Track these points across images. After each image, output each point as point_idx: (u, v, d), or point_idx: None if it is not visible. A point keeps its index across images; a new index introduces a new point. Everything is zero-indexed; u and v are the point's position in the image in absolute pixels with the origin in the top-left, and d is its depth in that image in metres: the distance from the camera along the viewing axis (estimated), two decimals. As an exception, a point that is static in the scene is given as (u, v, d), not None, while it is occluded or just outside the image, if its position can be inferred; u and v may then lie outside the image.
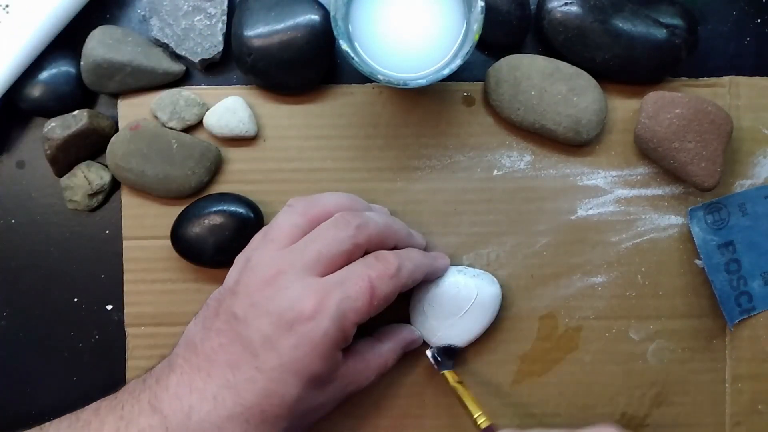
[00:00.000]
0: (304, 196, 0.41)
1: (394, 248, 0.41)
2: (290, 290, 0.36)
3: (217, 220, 0.43)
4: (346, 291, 0.36)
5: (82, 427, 0.36)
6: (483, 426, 0.39)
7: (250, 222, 0.44)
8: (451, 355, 0.43)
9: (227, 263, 0.41)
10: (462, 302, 0.43)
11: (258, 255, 0.38)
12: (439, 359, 0.43)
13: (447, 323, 0.43)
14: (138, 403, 0.36)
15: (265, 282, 0.37)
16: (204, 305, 0.40)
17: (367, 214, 0.40)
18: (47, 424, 0.38)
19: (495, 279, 0.45)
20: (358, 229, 0.38)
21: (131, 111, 0.46)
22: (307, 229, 0.39)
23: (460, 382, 0.42)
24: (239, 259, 0.40)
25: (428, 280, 0.43)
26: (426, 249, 0.45)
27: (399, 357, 0.43)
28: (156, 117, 0.46)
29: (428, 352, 0.43)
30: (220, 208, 0.44)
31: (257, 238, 0.40)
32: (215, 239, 0.43)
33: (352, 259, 0.38)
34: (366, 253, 0.39)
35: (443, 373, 0.42)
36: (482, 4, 0.39)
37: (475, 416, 0.39)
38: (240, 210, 0.44)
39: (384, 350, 0.42)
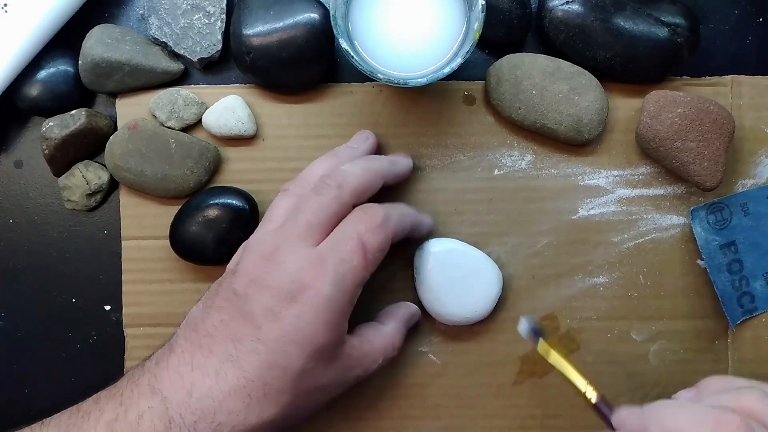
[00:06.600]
0: (295, 177, 0.42)
1: (382, 187, 0.41)
2: (288, 264, 0.36)
3: (212, 214, 0.43)
4: (339, 254, 0.37)
5: (83, 417, 0.36)
6: (593, 401, 0.37)
7: (244, 212, 0.44)
8: (537, 329, 0.41)
9: (227, 258, 0.41)
10: (463, 264, 0.43)
11: (254, 237, 0.39)
12: (534, 334, 0.41)
13: (454, 292, 0.43)
14: (137, 387, 0.36)
15: (263, 259, 0.37)
16: (207, 291, 0.40)
17: (344, 168, 0.40)
18: (48, 419, 0.38)
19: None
20: (339, 189, 0.38)
21: (130, 110, 0.46)
22: None
23: (558, 352, 0.39)
24: (241, 247, 0.41)
25: (414, 236, 0.43)
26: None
27: (404, 336, 0.43)
28: (154, 116, 0.45)
29: (522, 330, 0.41)
30: (213, 201, 0.44)
31: (258, 226, 0.41)
32: (214, 234, 0.43)
33: (343, 217, 0.38)
34: (355, 204, 0.39)
35: (540, 344, 0.40)
36: (483, 2, 0.38)
37: (583, 391, 0.37)
38: (233, 201, 0.44)
39: (388, 330, 0.42)
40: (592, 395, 0.37)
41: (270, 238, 0.38)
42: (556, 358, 0.39)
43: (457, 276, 0.43)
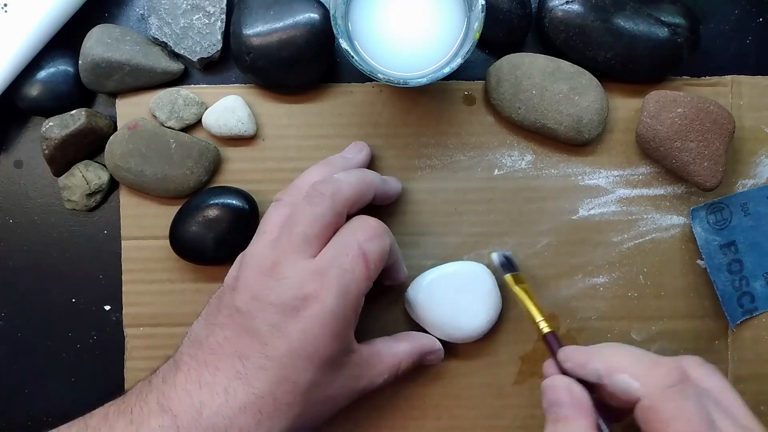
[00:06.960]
0: (288, 186, 0.42)
1: (370, 206, 0.41)
2: (289, 279, 0.36)
3: (212, 214, 0.43)
4: (342, 265, 0.36)
5: None
6: (544, 332, 0.40)
7: (245, 212, 0.44)
8: (512, 262, 0.44)
9: (227, 258, 0.41)
10: (452, 286, 0.43)
11: (251, 250, 0.39)
12: (504, 263, 0.43)
13: (456, 315, 0.43)
14: (146, 404, 0.36)
15: (263, 274, 0.37)
16: (206, 305, 0.40)
17: (337, 176, 0.40)
18: (55, 430, 0.37)
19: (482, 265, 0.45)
20: (333, 198, 0.38)
21: (129, 110, 0.46)
22: None
23: (522, 287, 0.42)
24: (238, 259, 0.40)
25: (392, 269, 0.43)
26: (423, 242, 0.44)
27: (415, 363, 0.42)
28: (154, 116, 0.45)
29: (493, 255, 0.44)
30: (213, 202, 0.43)
31: (254, 237, 0.41)
32: (214, 234, 0.43)
33: (339, 226, 0.38)
34: (348, 214, 0.39)
35: (504, 277, 0.43)
36: (483, 2, 0.38)
37: (537, 321, 0.40)
38: (233, 201, 0.44)
39: (399, 349, 0.41)
40: (544, 327, 0.40)
41: (267, 251, 0.38)
42: (518, 291, 0.42)
43: (450, 299, 0.43)
